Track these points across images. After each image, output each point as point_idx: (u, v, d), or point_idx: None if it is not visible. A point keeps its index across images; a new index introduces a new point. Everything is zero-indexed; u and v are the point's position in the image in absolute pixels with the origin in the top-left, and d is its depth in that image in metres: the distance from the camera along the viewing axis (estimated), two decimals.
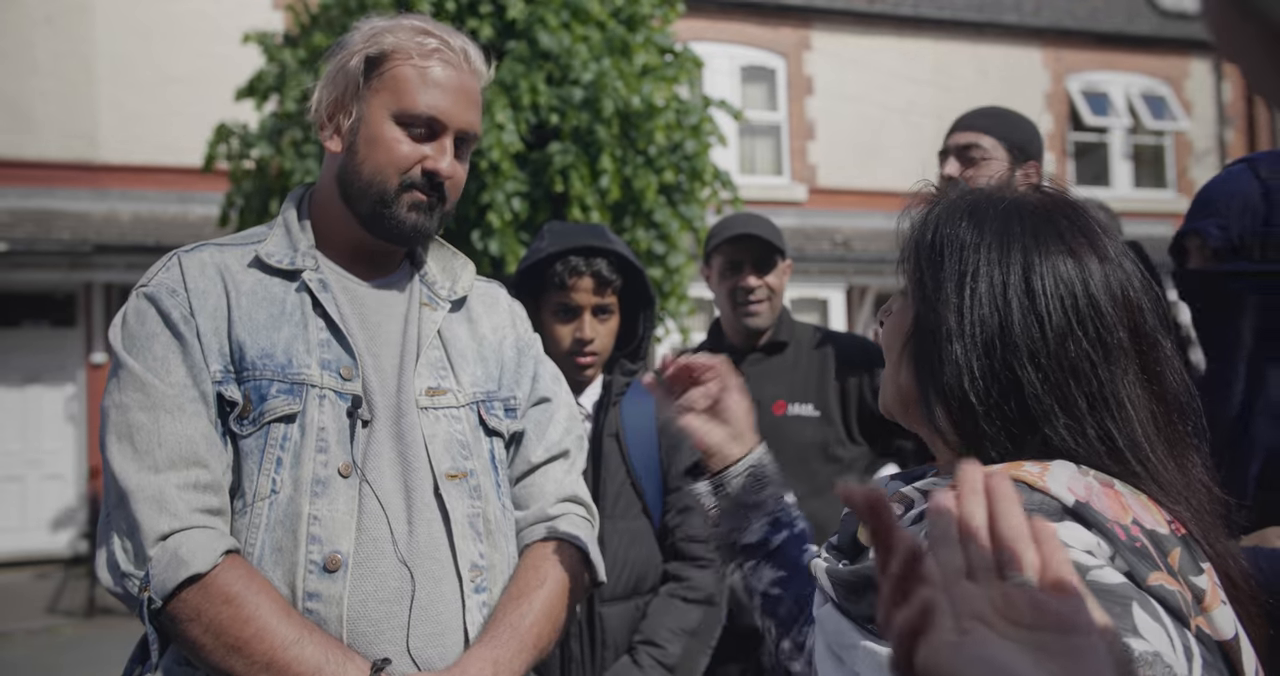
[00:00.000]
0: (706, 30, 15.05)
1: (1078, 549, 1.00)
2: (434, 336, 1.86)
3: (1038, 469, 1.07)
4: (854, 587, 1.13)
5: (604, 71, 8.24)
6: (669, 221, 8.87)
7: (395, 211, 1.80)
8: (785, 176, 15.94)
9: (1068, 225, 1.17)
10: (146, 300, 1.72)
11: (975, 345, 1.12)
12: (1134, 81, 17.62)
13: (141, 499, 1.59)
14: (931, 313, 1.16)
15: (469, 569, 1.76)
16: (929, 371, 1.16)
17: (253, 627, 1.55)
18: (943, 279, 1.16)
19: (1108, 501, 1.05)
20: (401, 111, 1.78)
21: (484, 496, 1.81)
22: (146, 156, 13.20)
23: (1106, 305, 1.13)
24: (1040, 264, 1.13)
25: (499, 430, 1.89)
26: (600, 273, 2.67)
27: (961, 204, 1.21)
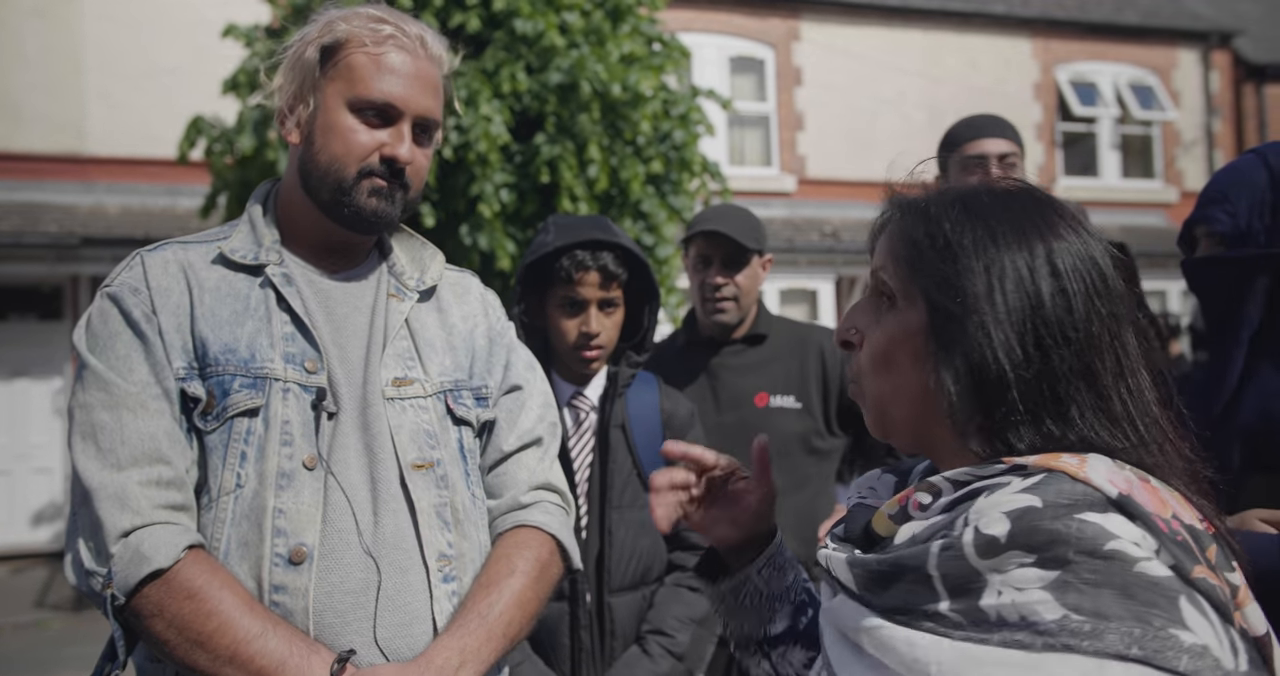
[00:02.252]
0: (695, 20, 15.03)
1: (1125, 540, 1.00)
2: (401, 326, 1.85)
3: (1076, 460, 1.08)
4: (883, 578, 1.11)
5: (583, 57, 8.22)
6: (657, 212, 8.87)
7: (355, 198, 1.79)
8: (774, 167, 15.95)
9: (1055, 208, 1.20)
10: (109, 300, 1.72)
11: (1014, 332, 1.12)
12: (1122, 72, 17.66)
13: (104, 497, 1.59)
14: (957, 311, 1.14)
15: (436, 558, 1.75)
16: (963, 368, 1.14)
17: (215, 622, 1.55)
18: (966, 273, 1.15)
19: (1148, 495, 1.06)
20: (356, 98, 1.78)
21: (452, 486, 1.81)
22: (134, 149, 13.16)
23: (1112, 276, 1.16)
24: (1055, 243, 1.15)
25: (467, 419, 1.88)
26: (607, 267, 2.67)
27: (951, 200, 1.21)
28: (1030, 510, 1.02)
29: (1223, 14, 18.49)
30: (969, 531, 1.04)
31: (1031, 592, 0.99)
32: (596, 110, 8.30)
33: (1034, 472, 1.07)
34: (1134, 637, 0.95)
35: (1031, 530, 1.01)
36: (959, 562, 1.03)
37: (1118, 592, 0.97)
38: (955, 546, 1.04)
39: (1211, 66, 18.06)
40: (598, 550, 2.66)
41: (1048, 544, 1.00)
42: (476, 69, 8.21)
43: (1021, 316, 1.12)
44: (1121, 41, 17.63)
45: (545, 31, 8.19)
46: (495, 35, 8.36)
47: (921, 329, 1.18)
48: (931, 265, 1.18)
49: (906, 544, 1.13)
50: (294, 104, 1.82)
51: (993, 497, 1.06)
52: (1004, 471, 1.10)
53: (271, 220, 1.87)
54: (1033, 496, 1.03)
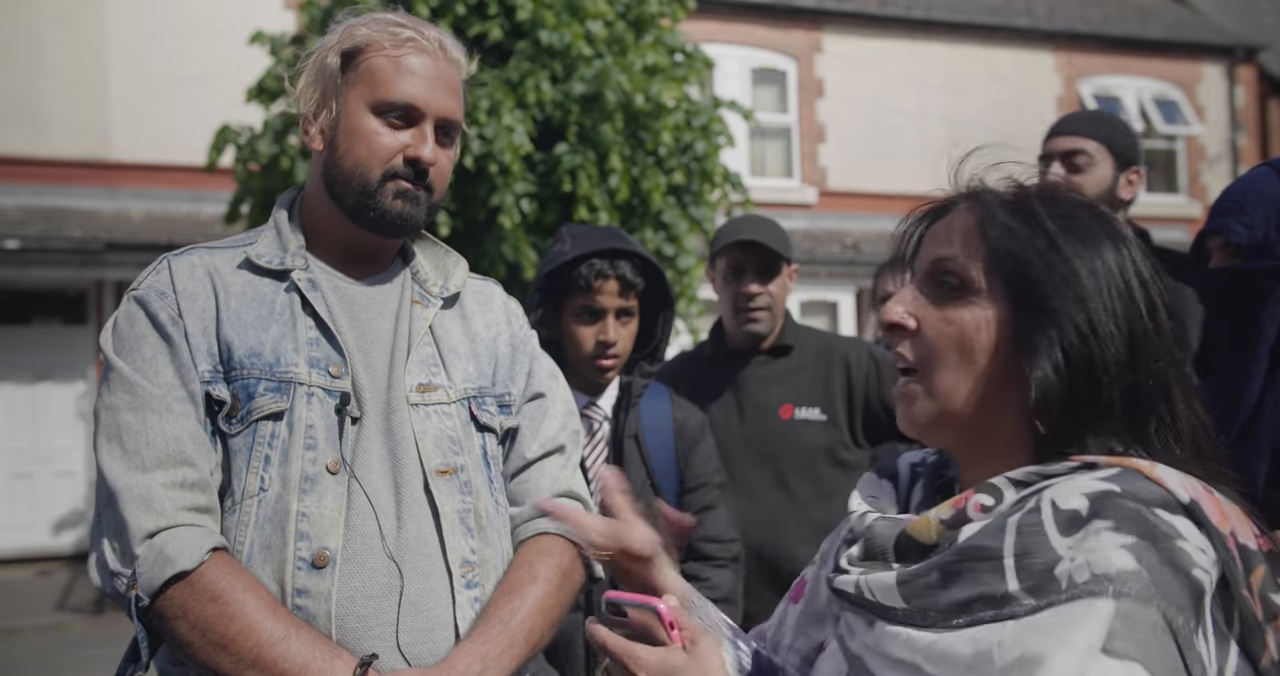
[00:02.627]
0: (718, 32, 15.05)
1: (1191, 544, 1.02)
2: (425, 333, 1.86)
3: (1147, 464, 1.08)
4: (945, 577, 1.08)
5: (607, 67, 8.24)
6: (678, 222, 8.88)
7: (380, 201, 1.80)
8: (795, 179, 15.94)
9: (1111, 214, 1.21)
10: (136, 303, 1.73)
11: (1119, 333, 1.13)
12: (1146, 86, 17.58)
13: (129, 498, 1.60)
14: (1057, 309, 1.13)
15: (460, 564, 1.75)
16: (1063, 361, 1.12)
17: (239, 624, 1.56)
18: (1071, 270, 1.14)
19: (1211, 506, 1.06)
20: (378, 101, 1.79)
21: (475, 492, 1.81)
22: (158, 155, 13.24)
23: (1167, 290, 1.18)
24: (1133, 250, 1.17)
25: (491, 426, 1.88)
26: (625, 276, 2.68)
27: (1032, 199, 1.20)
28: (1110, 492, 1.04)
29: (1248, 29, 18.40)
30: (1047, 507, 1.05)
31: (1109, 550, 1.00)
32: (620, 120, 8.32)
33: (1106, 468, 1.08)
34: (1175, 625, 0.98)
35: (1110, 505, 1.02)
36: (1036, 538, 1.04)
37: (1179, 582, 0.99)
38: (1033, 523, 1.05)
39: (1236, 81, 17.97)
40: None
41: (1126, 517, 1.01)
42: (500, 79, 8.24)
43: (1124, 320, 1.13)
44: (1146, 55, 17.55)
45: (572, 42, 8.21)
46: (519, 46, 8.39)
47: (1004, 320, 1.16)
48: (1037, 257, 1.15)
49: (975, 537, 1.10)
50: (317, 110, 1.84)
51: (1071, 482, 1.07)
52: (1073, 469, 1.09)
53: (297, 226, 1.88)
54: (1111, 483, 1.05)
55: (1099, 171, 2.94)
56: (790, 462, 3.12)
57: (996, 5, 17.04)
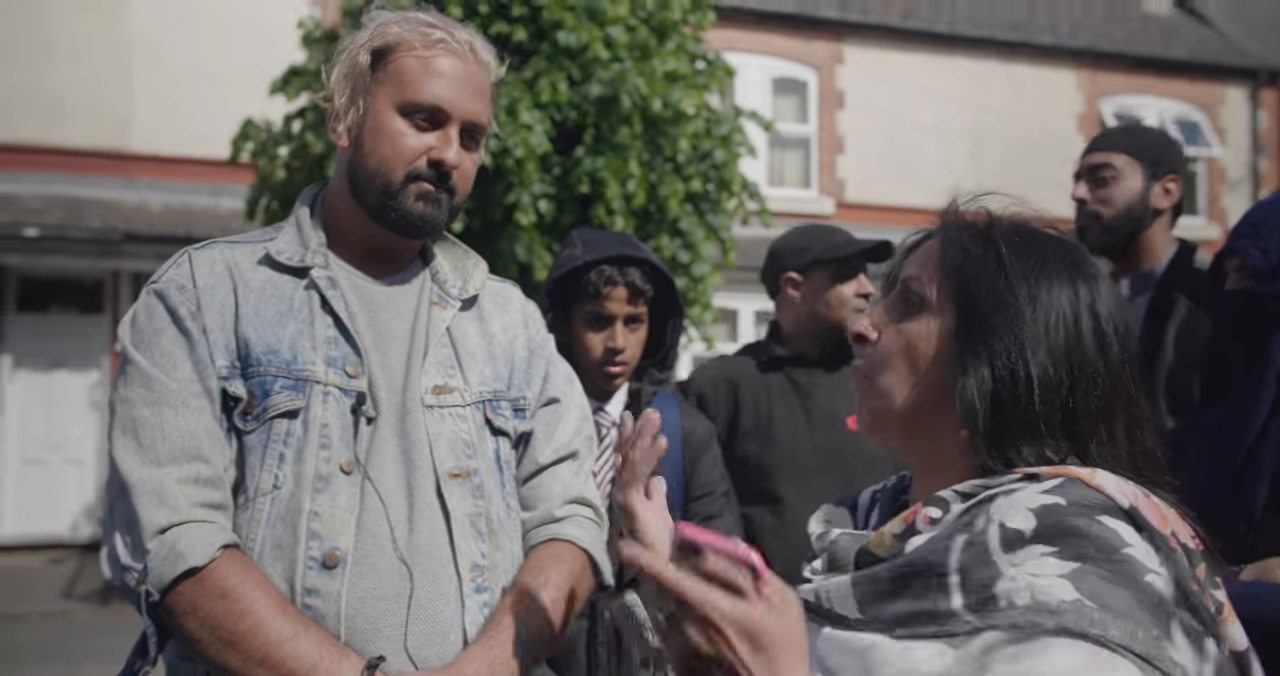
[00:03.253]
0: (739, 41, 15.06)
1: (1137, 549, 1.06)
2: (443, 334, 1.86)
3: (1087, 472, 1.13)
4: (894, 585, 1.13)
5: (625, 71, 8.25)
6: (694, 230, 8.88)
7: (402, 202, 1.80)
8: (813, 189, 15.93)
9: (1094, 264, 1.27)
10: (156, 297, 1.74)
11: (1049, 357, 1.18)
12: (1168, 107, 17.53)
13: (142, 493, 1.60)
14: (993, 330, 1.20)
15: (469, 568, 1.75)
16: (989, 377, 1.18)
17: (248, 622, 1.56)
18: (1012, 290, 1.20)
19: (1151, 510, 1.11)
20: (405, 102, 1.79)
21: (487, 496, 1.81)
22: (179, 147, 13.29)
23: (1128, 328, 1.23)
24: (1099, 290, 1.22)
25: (505, 430, 1.88)
26: (634, 283, 2.68)
27: (1006, 227, 1.27)
28: (1054, 507, 1.08)
29: (1272, 51, 18.32)
30: (993, 527, 1.08)
31: (1049, 578, 1.03)
32: (637, 124, 8.33)
33: (1048, 479, 1.13)
34: (1136, 638, 1.00)
35: (1055, 525, 1.06)
36: (981, 555, 1.07)
37: (1130, 596, 1.02)
38: (979, 542, 1.08)
39: (1260, 104, 17.90)
40: (617, 567, 2.66)
41: (1069, 537, 1.05)
42: (518, 78, 8.26)
43: (1061, 346, 1.18)
44: (1168, 76, 17.50)
45: (590, 44, 8.23)
46: (541, 47, 8.41)
47: (948, 332, 1.23)
48: (982, 277, 1.22)
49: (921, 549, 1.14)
50: (345, 107, 1.84)
51: (1015, 496, 1.11)
52: (1016, 479, 1.14)
53: (318, 223, 1.88)
54: (1054, 496, 1.09)
55: (1126, 183, 2.91)
56: (859, 474, 3.11)
57: (1019, 21, 17.01)
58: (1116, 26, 17.78)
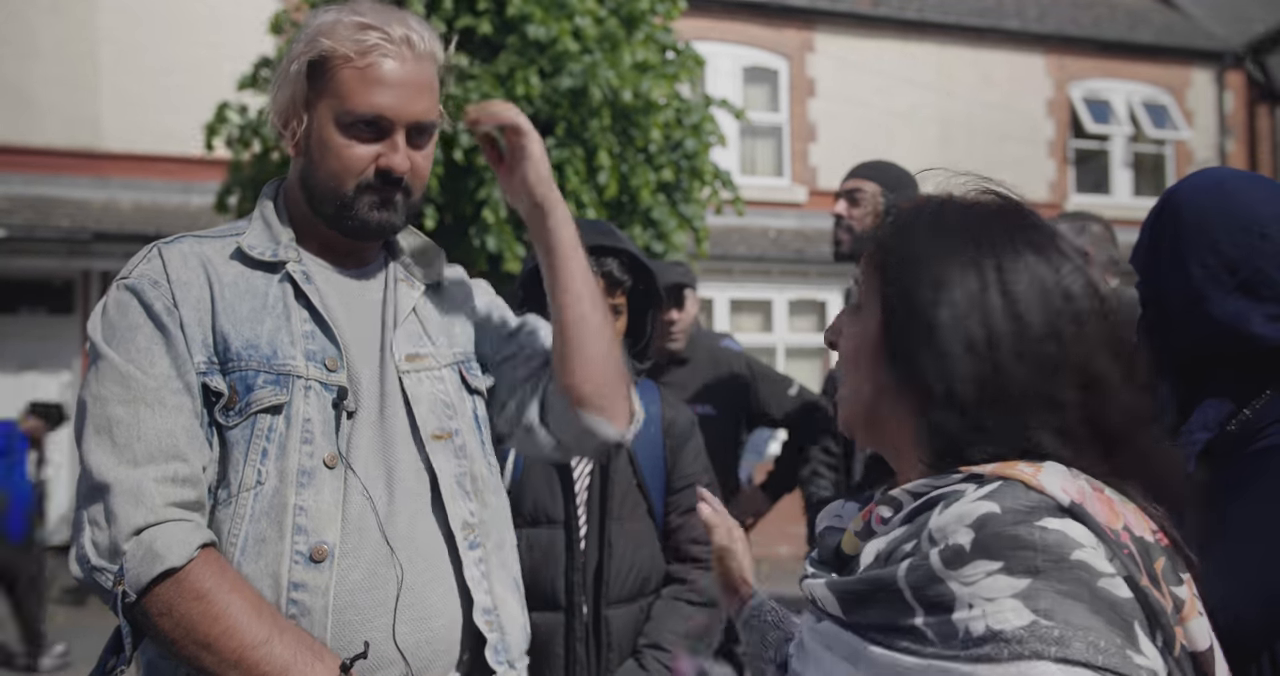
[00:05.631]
0: (710, 30, 15.04)
1: (1086, 547, 1.03)
2: (410, 312, 1.88)
3: (1031, 469, 1.09)
4: (862, 596, 1.12)
5: (595, 63, 8.23)
6: (667, 220, 8.87)
7: (357, 212, 1.80)
8: (786, 178, 15.94)
9: (1027, 227, 1.20)
10: (129, 291, 1.72)
11: (962, 349, 1.13)
12: (1136, 90, 17.63)
13: (118, 492, 1.59)
14: (909, 322, 1.16)
15: (461, 527, 1.79)
16: (911, 378, 1.16)
17: (222, 625, 1.55)
18: (917, 284, 1.17)
19: (1100, 506, 1.07)
20: (346, 113, 1.77)
21: (470, 455, 1.84)
22: (148, 145, 13.18)
23: (1081, 299, 1.16)
24: (1013, 264, 1.16)
25: (479, 389, 1.92)
26: (611, 273, 2.65)
27: (924, 212, 1.23)
28: (990, 516, 1.04)
29: (1237, 35, 18.45)
30: (934, 549, 1.05)
31: (1002, 602, 1.00)
32: (607, 116, 8.31)
33: (990, 481, 1.08)
34: (1098, 648, 0.97)
35: (995, 537, 1.02)
36: (927, 573, 1.04)
37: (1087, 606, 0.99)
38: (923, 560, 1.05)
39: (1226, 87, 18.02)
40: (596, 561, 2.65)
41: (1012, 549, 1.01)
42: (490, 73, 8.23)
43: (968, 333, 1.13)
44: (1136, 60, 17.60)
45: (559, 37, 8.20)
46: (509, 40, 8.38)
47: (876, 335, 1.21)
48: (890, 276, 1.20)
49: (874, 564, 1.14)
50: (289, 120, 1.82)
51: (951, 510, 1.07)
52: (960, 480, 1.11)
53: (285, 218, 1.88)
54: (990, 503, 1.05)
55: (872, 204, 3.56)
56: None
57: (987, 7, 17.06)
58: (1084, 11, 17.86)
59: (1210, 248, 1.67)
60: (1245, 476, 1.59)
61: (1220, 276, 1.65)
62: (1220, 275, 1.65)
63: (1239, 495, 1.58)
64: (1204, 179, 1.77)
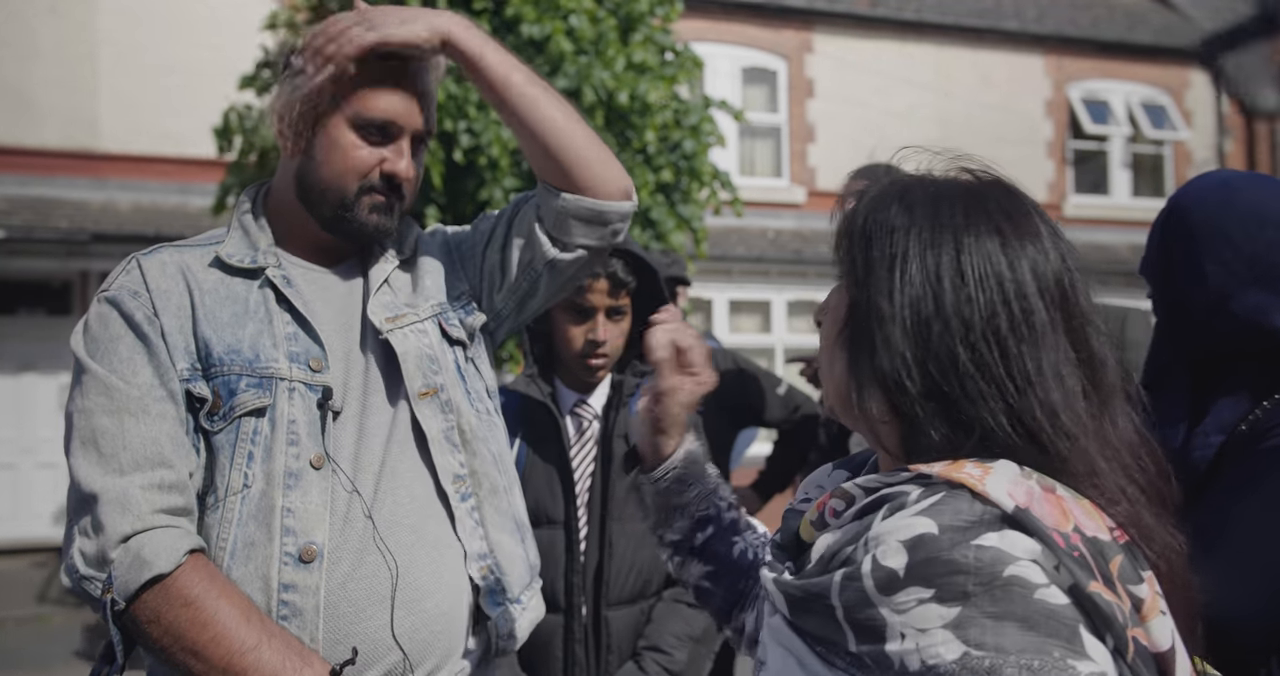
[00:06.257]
0: (708, 31, 15.04)
1: (1025, 560, 1.00)
2: (383, 282, 1.90)
3: (979, 471, 1.06)
4: (801, 604, 1.10)
5: (590, 64, 8.23)
6: (665, 220, 8.87)
7: (356, 215, 1.82)
8: (784, 178, 15.94)
9: (997, 207, 1.16)
10: (109, 304, 1.73)
11: (909, 328, 1.11)
12: (1135, 90, 17.64)
13: (105, 502, 1.59)
14: (865, 298, 1.15)
15: (451, 481, 1.82)
16: (863, 358, 1.14)
17: (210, 632, 1.56)
18: (873, 263, 1.15)
19: (1049, 507, 1.04)
20: (358, 116, 1.80)
21: (456, 408, 1.86)
22: (147, 146, 13.17)
23: (1033, 285, 1.12)
24: (970, 245, 1.13)
25: (460, 338, 1.93)
26: (616, 274, 2.64)
27: (893, 190, 1.20)
28: (926, 538, 1.01)
29: None
30: (868, 560, 1.03)
31: (934, 633, 0.98)
32: (600, 117, 8.30)
33: (935, 486, 1.06)
34: (1032, 670, 0.95)
35: (928, 562, 1.00)
36: (859, 595, 1.03)
37: (1020, 624, 0.97)
38: (855, 577, 1.03)
39: None
40: (597, 562, 2.64)
41: (946, 575, 0.99)
42: None
43: (922, 316, 1.11)
44: (1134, 60, 17.61)
45: (552, 36, 8.20)
46: (505, 40, 8.38)
47: (844, 315, 1.19)
48: (854, 253, 1.18)
49: (817, 563, 1.12)
50: (297, 120, 1.84)
51: (890, 520, 1.05)
52: (908, 479, 1.09)
53: (264, 222, 1.89)
54: (928, 520, 1.02)
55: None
56: None
57: (986, 8, 17.07)
58: (1082, 12, 17.87)
59: (1225, 244, 1.66)
60: (1254, 475, 1.59)
61: (1239, 272, 1.64)
62: (1239, 271, 1.65)
63: (1247, 493, 1.57)
64: (1208, 180, 1.76)
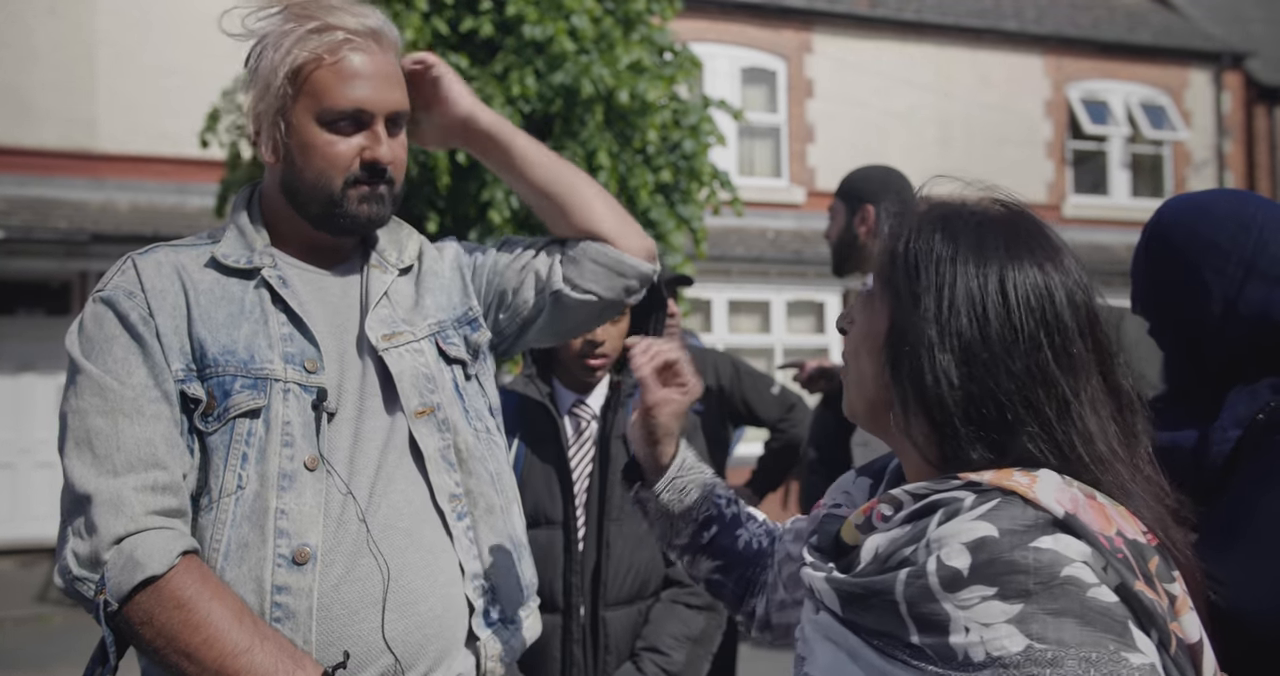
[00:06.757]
0: (708, 31, 15.05)
1: (1078, 562, 1.06)
2: (382, 295, 1.88)
3: (1027, 480, 1.12)
4: (859, 599, 1.15)
5: (590, 63, 8.23)
6: (665, 220, 8.87)
7: (347, 209, 1.81)
8: (784, 178, 15.95)
9: (1031, 238, 1.23)
10: (104, 304, 1.72)
11: (955, 354, 1.17)
12: (1134, 91, 17.64)
13: (99, 503, 1.58)
14: (910, 322, 1.20)
15: (448, 500, 1.81)
16: (908, 378, 1.20)
17: (203, 634, 1.55)
18: (920, 290, 1.20)
19: (1093, 513, 1.11)
20: (325, 111, 1.78)
21: (453, 427, 1.85)
22: (145, 146, 13.18)
23: (1070, 316, 1.19)
24: (1014, 275, 1.19)
25: (460, 357, 1.92)
26: None
27: (933, 216, 1.26)
28: (988, 540, 1.08)
29: (1235, 35, 18.47)
30: (932, 560, 1.09)
31: (998, 628, 1.04)
32: (600, 113, 8.30)
33: (988, 492, 1.13)
34: (1090, 661, 1.02)
35: (990, 563, 1.06)
36: (924, 592, 1.08)
37: (1077, 620, 1.03)
38: (920, 575, 1.09)
39: (1223, 87, 18.04)
40: (594, 562, 2.64)
41: (1007, 574, 1.05)
42: (488, 73, 8.23)
43: (965, 340, 1.17)
44: (1134, 61, 17.61)
45: (554, 36, 8.20)
46: (506, 40, 8.39)
47: (882, 333, 1.24)
48: (898, 276, 1.23)
49: (872, 563, 1.17)
50: (268, 128, 1.82)
51: (951, 525, 1.11)
52: (960, 487, 1.15)
53: (259, 223, 1.88)
54: (988, 524, 1.09)
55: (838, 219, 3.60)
56: None
57: (986, 8, 17.08)
58: (1082, 12, 17.88)
59: (1216, 253, 1.70)
60: (1273, 466, 1.60)
61: (1236, 275, 1.68)
62: (1236, 274, 1.69)
63: (1266, 485, 1.59)
64: (1174, 205, 1.82)
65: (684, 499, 1.69)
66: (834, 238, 3.66)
